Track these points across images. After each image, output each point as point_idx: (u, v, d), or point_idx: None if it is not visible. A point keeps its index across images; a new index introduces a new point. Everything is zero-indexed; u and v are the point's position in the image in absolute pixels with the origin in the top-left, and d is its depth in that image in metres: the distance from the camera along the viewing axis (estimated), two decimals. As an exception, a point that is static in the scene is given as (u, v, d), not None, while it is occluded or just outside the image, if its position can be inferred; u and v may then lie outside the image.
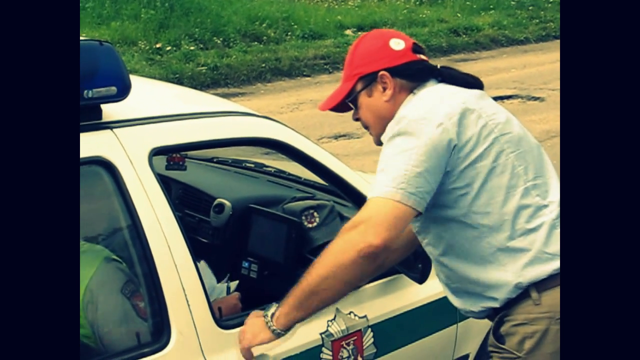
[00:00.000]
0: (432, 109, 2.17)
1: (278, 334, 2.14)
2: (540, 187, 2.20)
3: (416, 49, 2.36)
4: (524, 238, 2.15)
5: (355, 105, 2.38)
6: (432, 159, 2.10)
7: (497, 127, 2.19)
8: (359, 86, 2.35)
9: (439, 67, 2.37)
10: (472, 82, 2.34)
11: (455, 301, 2.34)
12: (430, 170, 2.09)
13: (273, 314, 2.14)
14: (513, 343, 2.17)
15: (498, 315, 2.22)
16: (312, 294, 2.08)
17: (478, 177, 2.15)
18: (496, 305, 2.21)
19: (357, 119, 2.42)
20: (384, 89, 2.31)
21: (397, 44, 2.33)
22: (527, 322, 2.15)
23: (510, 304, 2.19)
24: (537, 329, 2.14)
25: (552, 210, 2.18)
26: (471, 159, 2.14)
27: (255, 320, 2.18)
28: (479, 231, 2.17)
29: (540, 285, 2.15)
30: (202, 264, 2.73)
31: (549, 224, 2.16)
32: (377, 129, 2.33)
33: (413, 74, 2.32)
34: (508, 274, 2.16)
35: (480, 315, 2.30)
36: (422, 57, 2.37)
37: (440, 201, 2.18)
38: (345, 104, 2.40)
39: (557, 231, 2.16)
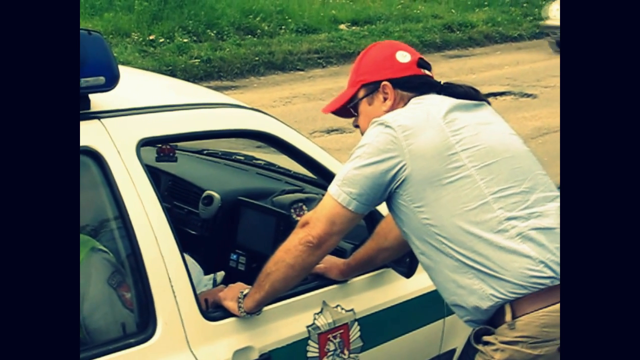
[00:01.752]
0: (396, 119, 2.22)
1: (241, 312, 2.33)
2: (506, 199, 2.17)
3: (421, 63, 2.40)
4: (485, 255, 2.14)
5: (356, 112, 2.43)
6: (376, 168, 2.18)
7: (460, 142, 2.19)
8: (362, 93, 2.40)
9: (442, 83, 2.40)
10: (473, 96, 2.35)
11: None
12: (372, 179, 2.18)
13: (247, 294, 2.34)
14: (489, 349, 2.19)
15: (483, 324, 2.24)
16: (266, 276, 2.31)
17: (432, 193, 2.16)
18: (474, 317, 2.23)
19: (356, 126, 2.46)
20: (385, 99, 2.36)
21: (404, 56, 2.38)
22: (502, 342, 2.16)
23: (489, 322, 2.21)
24: (509, 348, 2.15)
25: (519, 223, 2.15)
26: (423, 175, 2.16)
27: (235, 288, 2.39)
28: (439, 246, 2.19)
29: (517, 308, 2.14)
30: (187, 258, 2.72)
31: (510, 239, 2.14)
32: None
33: (414, 87, 2.36)
34: (477, 288, 2.17)
35: (467, 324, 2.31)
36: (427, 72, 2.40)
37: (398, 214, 2.25)
38: (348, 110, 2.45)
39: (522, 247, 2.14)
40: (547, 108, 9.73)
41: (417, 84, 2.36)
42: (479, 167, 2.18)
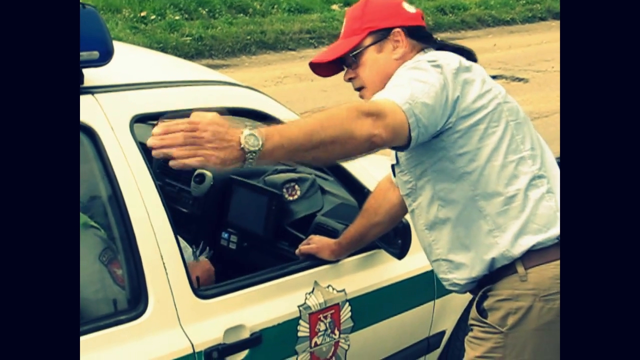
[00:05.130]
0: (451, 61, 2.16)
1: (247, 156, 1.72)
2: (535, 158, 2.20)
3: (424, 17, 2.40)
4: (517, 206, 2.16)
5: (357, 62, 2.32)
6: (439, 103, 2.05)
7: (500, 94, 2.21)
8: (368, 41, 2.31)
9: (437, 40, 2.39)
10: (468, 53, 2.35)
11: (440, 272, 2.34)
12: (435, 111, 2.04)
13: (254, 135, 1.73)
14: (496, 318, 2.18)
15: (482, 289, 2.23)
16: (317, 146, 1.83)
17: (478, 138, 2.14)
18: (479, 273, 2.21)
19: (349, 79, 2.36)
20: (395, 47, 2.30)
21: (409, 6, 2.37)
22: (511, 297, 2.16)
23: (495, 278, 2.19)
24: (521, 305, 2.14)
25: (546, 183, 2.20)
26: (474, 120, 2.13)
27: (232, 128, 1.75)
28: (472, 193, 2.17)
29: (527, 261, 2.15)
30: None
31: (540, 195, 2.18)
32: (375, 88, 2.20)
33: (422, 38, 2.34)
34: (497, 240, 2.17)
35: (464, 288, 2.29)
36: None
37: (438, 157, 2.17)
38: (333, 66, 2.37)
39: (548, 204, 2.17)
40: (539, 92, 9.74)
41: (424, 35, 2.34)
42: (515, 123, 2.20)
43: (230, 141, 1.70)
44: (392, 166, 2.40)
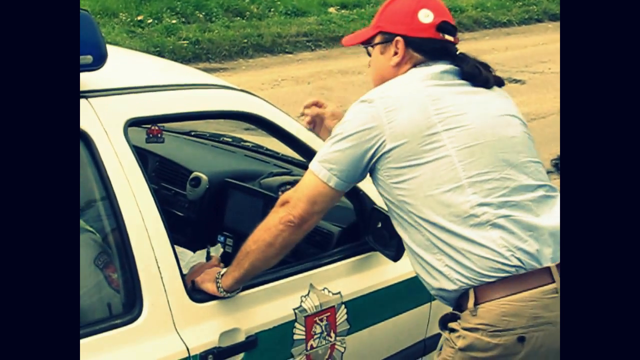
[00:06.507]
0: (381, 95, 2.23)
1: (220, 291, 2.30)
2: (483, 184, 2.16)
3: (443, 26, 2.35)
4: (454, 236, 2.15)
5: (369, 53, 2.46)
6: (356, 146, 2.19)
7: (443, 122, 2.18)
8: (378, 39, 2.42)
9: (458, 52, 2.36)
10: (468, 73, 2.31)
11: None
12: (351, 155, 2.20)
13: (225, 273, 2.32)
14: (453, 336, 2.22)
15: (453, 309, 2.26)
16: (245, 254, 2.28)
17: (409, 171, 2.17)
18: (445, 292, 2.23)
19: (369, 65, 2.49)
20: (395, 53, 2.36)
21: (426, 16, 2.34)
22: (464, 328, 2.18)
23: (459, 305, 2.21)
24: (469, 335, 2.16)
25: (492, 209, 2.15)
26: (402, 153, 2.16)
27: (211, 271, 2.36)
28: (416, 221, 2.19)
29: (480, 295, 2.15)
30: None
31: (478, 225, 2.14)
32: (374, 85, 2.38)
33: (426, 51, 2.34)
34: (444, 269, 2.18)
35: (444, 301, 2.32)
36: (447, 37, 2.36)
37: (379, 189, 2.27)
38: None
39: (490, 234, 2.13)
40: (536, 94, 9.75)
41: (430, 48, 2.34)
42: (459, 149, 2.17)
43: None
44: None
